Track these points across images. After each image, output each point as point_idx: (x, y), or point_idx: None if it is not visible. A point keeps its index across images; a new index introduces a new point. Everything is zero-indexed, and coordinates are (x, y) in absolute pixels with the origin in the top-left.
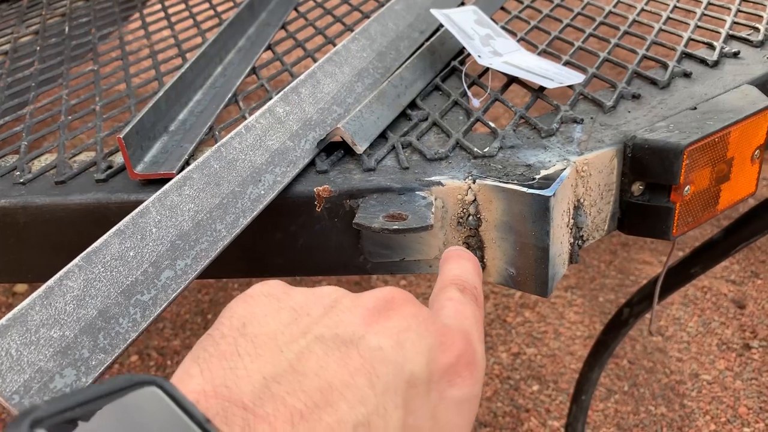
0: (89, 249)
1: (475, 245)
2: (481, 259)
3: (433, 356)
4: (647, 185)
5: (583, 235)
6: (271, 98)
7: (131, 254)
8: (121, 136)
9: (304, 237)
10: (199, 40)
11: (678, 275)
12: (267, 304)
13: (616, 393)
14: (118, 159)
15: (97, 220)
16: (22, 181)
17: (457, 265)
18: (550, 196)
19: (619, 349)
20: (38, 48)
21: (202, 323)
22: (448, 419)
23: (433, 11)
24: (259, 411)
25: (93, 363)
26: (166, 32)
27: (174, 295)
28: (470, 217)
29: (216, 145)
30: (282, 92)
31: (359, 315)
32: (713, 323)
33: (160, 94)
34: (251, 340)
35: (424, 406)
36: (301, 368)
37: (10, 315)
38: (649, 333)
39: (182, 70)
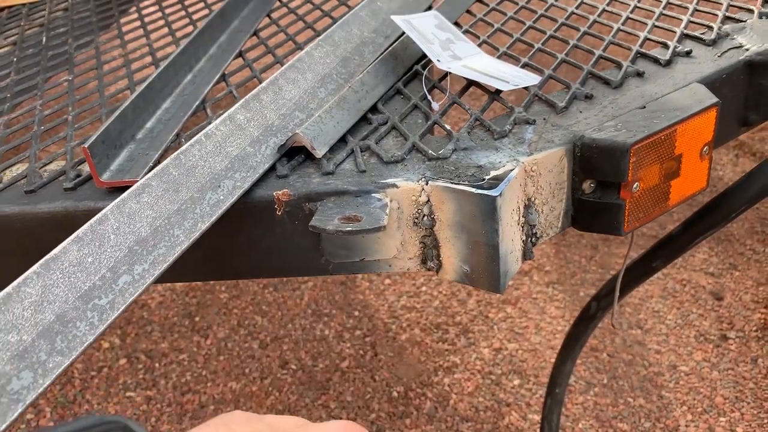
0: (48, 256)
1: (431, 244)
2: (437, 257)
3: None
4: (597, 183)
5: (536, 233)
6: None
7: (89, 260)
8: (86, 146)
9: (266, 240)
10: (173, 48)
11: (641, 269)
12: (244, 419)
13: (596, 386)
14: (87, 168)
15: (65, 228)
16: None
17: None
18: (497, 196)
19: (598, 342)
20: (15, 59)
21: (189, 326)
22: None
23: (394, 17)
24: None
25: (50, 365)
26: (142, 41)
27: (131, 299)
28: (425, 218)
29: (175, 153)
30: (243, 100)
31: None
32: (691, 315)
33: (127, 103)
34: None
35: None
36: None
37: None
38: (612, 326)
39: (150, 78)
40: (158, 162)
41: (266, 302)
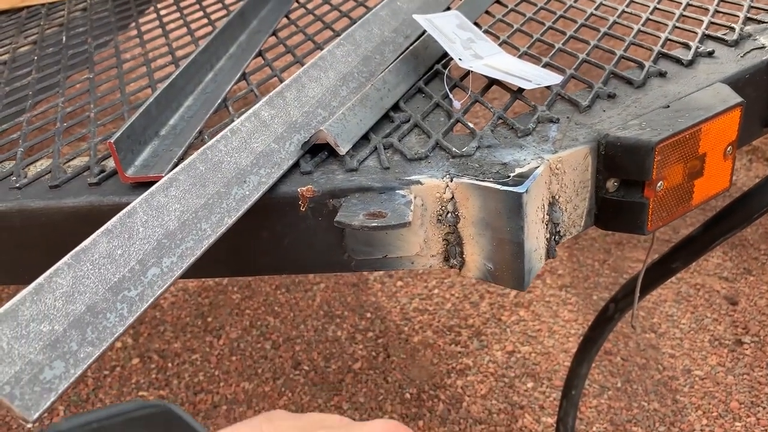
0: (78, 248)
1: (455, 241)
2: (461, 254)
3: None
4: (621, 182)
5: (559, 231)
6: None
7: (119, 252)
8: (112, 141)
9: (289, 236)
10: (192, 48)
11: (660, 270)
12: (287, 416)
13: (610, 389)
14: (111, 163)
15: (90, 222)
16: (18, 185)
17: None
18: (523, 193)
19: (612, 346)
20: (36, 57)
21: (202, 326)
22: None
23: (416, 16)
24: None
25: (81, 355)
26: (161, 41)
27: (160, 292)
28: (449, 215)
29: (202, 148)
30: (267, 96)
31: None
32: (706, 320)
33: (151, 99)
34: (273, 427)
35: None
36: None
37: (1, 310)
38: (632, 327)
39: (173, 76)
40: (182, 158)
41: (278, 303)
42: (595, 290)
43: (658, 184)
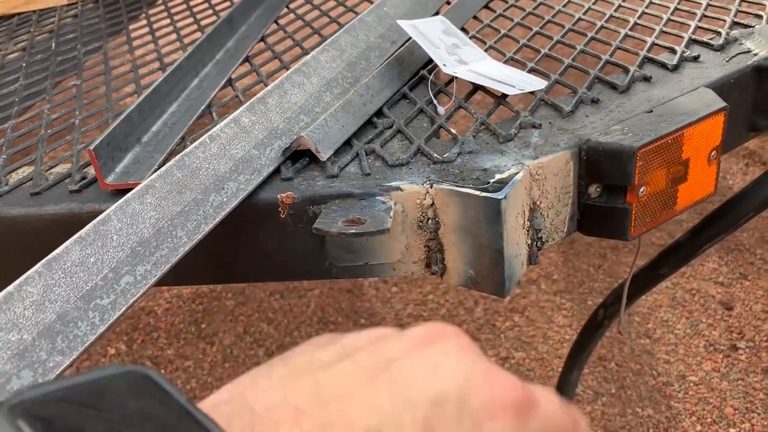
0: (50, 256)
1: (436, 248)
2: (442, 261)
3: (473, 385)
4: (604, 187)
5: (541, 237)
6: None
7: (92, 260)
8: (92, 148)
9: (270, 243)
10: (181, 54)
11: (648, 277)
12: (318, 343)
13: (603, 395)
14: (93, 171)
15: (71, 230)
16: None
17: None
18: (501, 199)
19: (606, 351)
20: (24, 64)
21: (196, 332)
22: None
23: (400, 22)
24: (265, 414)
25: (50, 365)
26: (150, 47)
27: (133, 300)
28: (429, 221)
29: (179, 155)
30: (248, 103)
31: (404, 342)
32: (701, 325)
33: (133, 106)
34: (287, 364)
35: (451, 430)
36: (324, 385)
37: None
38: (619, 333)
39: (156, 82)
40: (163, 165)
41: (272, 309)
42: (590, 295)
43: (641, 190)
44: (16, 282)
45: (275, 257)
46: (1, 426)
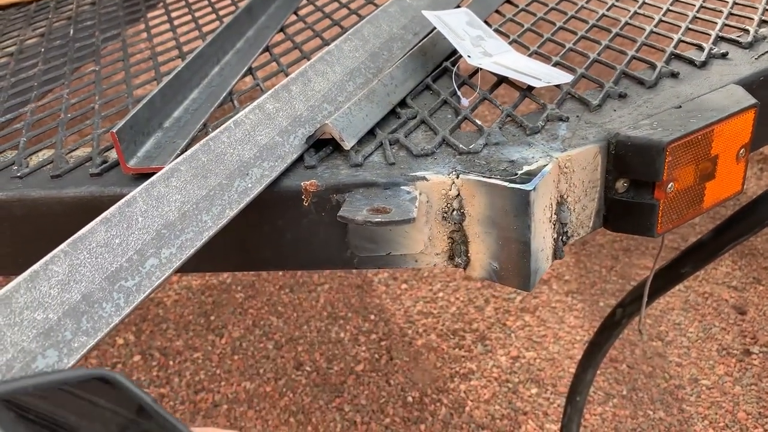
0: (75, 236)
1: (460, 240)
2: (466, 253)
3: None
4: (631, 182)
5: (567, 231)
6: None
7: (117, 242)
8: (115, 131)
9: (291, 231)
10: (200, 42)
11: (669, 275)
12: None
13: (615, 397)
14: (113, 154)
15: (91, 213)
16: (19, 175)
17: None
18: (530, 191)
19: (618, 353)
20: (43, 50)
21: (205, 324)
22: None
23: (425, 12)
24: None
25: (75, 345)
26: (168, 35)
27: (158, 282)
28: (454, 212)
29: (204, 139)
30: (273, 89)
31: None
32: (714, 329)
33: (155, 91)
34: None
35: None
36: None
37: None
38: (639, 332)
39: (178, 68)
40: (185, 150)
41: (282, 303)
42: (602, 297)
43: (669, 186)
44: (42, 261)
45: (297, 245)
46: None
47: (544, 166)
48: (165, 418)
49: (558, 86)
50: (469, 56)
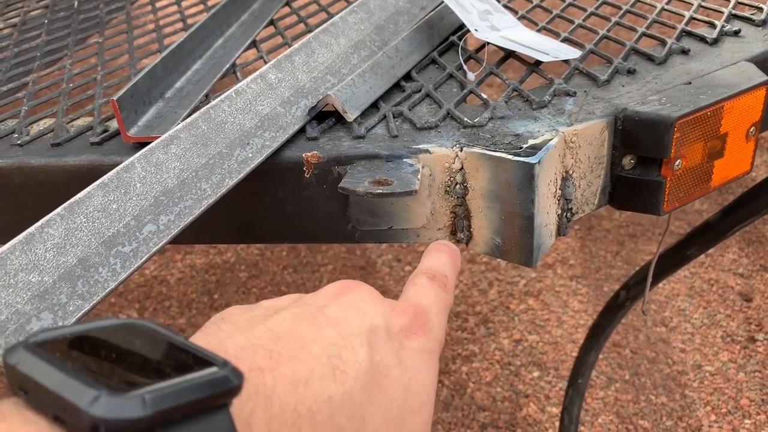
0: (72, 200)
1: (462, 214)
2: (468, 228)
3: (388, 317)
4: (638, 159)
5: (571, 208)
6: None
7: (114, 207)
8: (115, 99)
9: (292, 203)
10: (204, 15)
11: (674, 257)
12: (240, 310)
13: (617, 381)
14: (114, 124)
15: (90, 181)
16: (19, 143)
17: (433, 257)
18: (535, 164)
19: (621, 338)
20: (46, 21)
21: (208, 302)
22: (412, 362)
23: None
24: (240, 354)
25: (70, 308)
26: (173, 8)
27: (155, 249)
28: (457, 186)
29: (205, 107)
30: (275, 60)
31: (322, 297)
32: (718, 315)
33: (157, 61)
34: (230, 322)
35: (388, 348)
36: (277, 330)
37: None
38: (642, 313)
39: (181, 39)
40: None
41: (285, 283)
42: (607, 282)
43: (676, 163)
44: (38, 224)
45: (298, 218)
46: (27, 359)
47: (550, 140)
48: (199, 349)
49: (566, 61)
50: (476, 30)
